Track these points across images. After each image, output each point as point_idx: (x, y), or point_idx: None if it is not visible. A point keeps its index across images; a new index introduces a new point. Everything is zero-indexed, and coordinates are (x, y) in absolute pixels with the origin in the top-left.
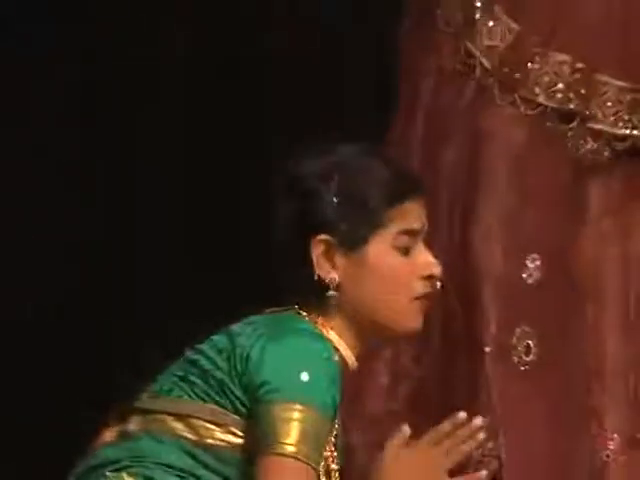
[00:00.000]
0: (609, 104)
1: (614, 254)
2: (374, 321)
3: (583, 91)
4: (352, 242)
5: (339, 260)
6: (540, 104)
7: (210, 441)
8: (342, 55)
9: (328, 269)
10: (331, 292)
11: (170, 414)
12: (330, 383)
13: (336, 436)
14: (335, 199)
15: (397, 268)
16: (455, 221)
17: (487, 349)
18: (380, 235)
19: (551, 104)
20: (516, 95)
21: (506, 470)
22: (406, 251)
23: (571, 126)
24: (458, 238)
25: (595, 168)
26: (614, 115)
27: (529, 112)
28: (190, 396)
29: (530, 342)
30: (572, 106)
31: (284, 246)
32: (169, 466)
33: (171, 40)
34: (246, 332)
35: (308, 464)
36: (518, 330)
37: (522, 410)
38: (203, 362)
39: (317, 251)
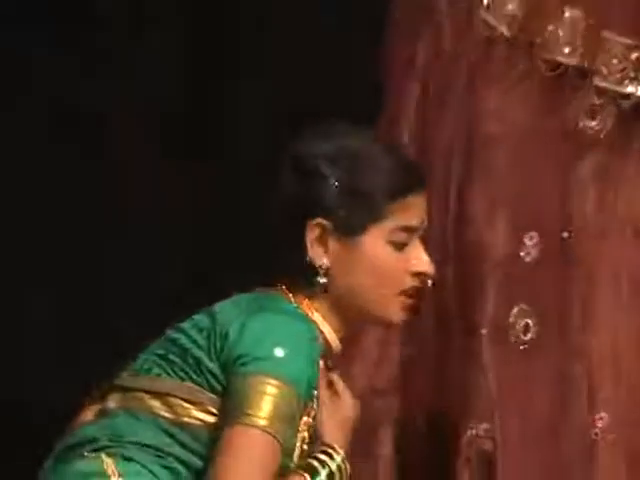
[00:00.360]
0: (615, 61)
1: (610, 231)
2: (360, 308)
3: (591, 48)
4: (348, 229)
5: (332, 245)
6: (560, 64)
7: (186, 420)
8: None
9: (320, 253)
10: (320, 277)
11: (148, 392)
12: (308, 364)
13: (315, 417)
14: (337, 184)
15: (389, 262)
16: (451, 199)
17: (484, 328)
18: (377, 227)
19: (571, 62)
20: (538, 59)
21: (500, 451)
22: (401, 247)
23: (576, 96)
24: (454, 216)
25: (594, 143)
26: (620, 72)
27: (549, 73)
28: (169, 374)
29: (529, 321)
30: (586, 64)
31: (280, 226)
32: (146, 445)
33: (172, 40)
34: (227, 310)
35: (276, 438)
36: (516, 309)
37: (518, 390)
38: (183, 341)
39: (312, 234)
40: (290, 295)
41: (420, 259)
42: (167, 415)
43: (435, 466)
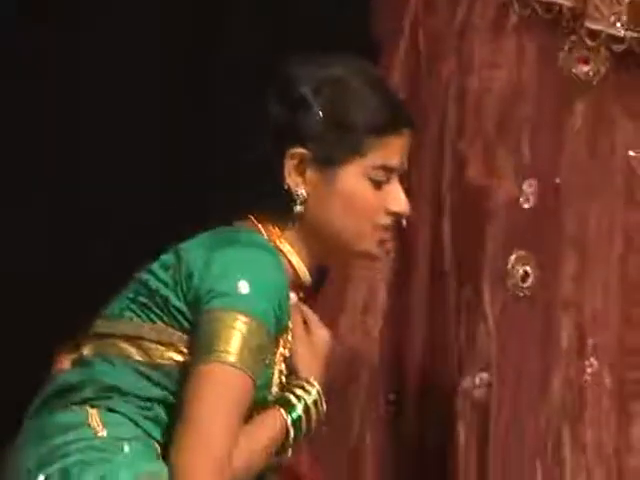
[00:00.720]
0: (608, 3)
1: (602, 181)
2: (333, 240)
3: None
4: (327, 161)
5: (310, 175)
6: (555, 5)
7: (160, 361)
8: None
9: (298, 182)
10: (297, 207)
11: (121, 337)
12: (274, 296)
13: (292, 349)
14: (321, 113)
15: (366, 198)
16: (446, 149)
17: (483, 276)
18: (356, 162)
19: (567, 3)
20: (534, 2)
21: (495, 399)
22: (378, 185)
23: (570, 41)
24: (450, 165)
25: (587, 89)
26: (614, 15)
27: (546, 16)
28: (140, 317)
29: (528, 268)
30: (580, 5)
31: (260, 152)
32: (126, 392)
33: (171, 36)
34: (192, 249)
35: (247, 373)
36: (514, 256)
37: (515, 337)
38: (151, 282)
39: (291, 163)
40: (259, 225)
41: (397, 198)
42: (141, 359)
43: (429, 417)
